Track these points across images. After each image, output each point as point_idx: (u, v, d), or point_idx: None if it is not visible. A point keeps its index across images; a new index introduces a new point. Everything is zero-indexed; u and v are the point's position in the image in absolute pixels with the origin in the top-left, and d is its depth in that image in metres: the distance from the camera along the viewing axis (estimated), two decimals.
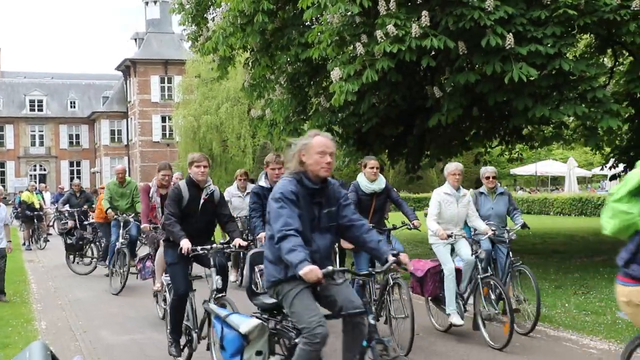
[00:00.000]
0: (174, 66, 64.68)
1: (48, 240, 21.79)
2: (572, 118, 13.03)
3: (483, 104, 13.02)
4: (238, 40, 14.85)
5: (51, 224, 25.20)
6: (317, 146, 4.84)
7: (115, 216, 12.82)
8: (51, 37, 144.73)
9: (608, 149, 17.99)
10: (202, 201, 7.10)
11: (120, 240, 12.56)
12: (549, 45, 11.40)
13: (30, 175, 68.68)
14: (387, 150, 16.97)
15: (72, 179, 67.57)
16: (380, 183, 8.52)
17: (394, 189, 9.41)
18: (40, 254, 20.13)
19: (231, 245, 6.98)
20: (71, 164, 73.61)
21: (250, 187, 11.32)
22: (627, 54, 16.33)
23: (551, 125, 14.30)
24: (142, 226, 9.75)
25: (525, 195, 42.42)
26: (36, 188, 23.99)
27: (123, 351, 8.08)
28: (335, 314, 4.93)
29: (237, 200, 12.22)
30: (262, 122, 17.33)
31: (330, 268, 4.63)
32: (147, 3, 69.08)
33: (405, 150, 16.79)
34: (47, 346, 3.26)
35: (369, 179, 8.44)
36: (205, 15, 18.12)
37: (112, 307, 11.09)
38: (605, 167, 19.61)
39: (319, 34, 12.64)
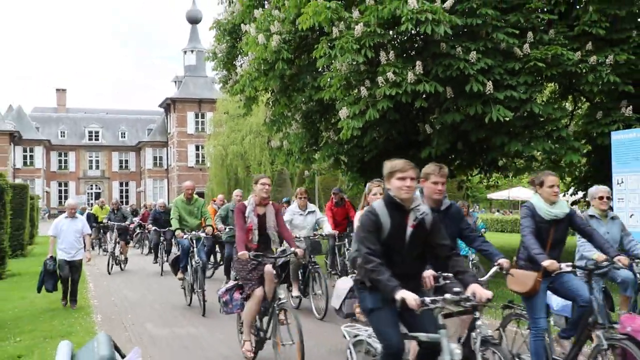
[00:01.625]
0: (206, 104, 65.01)
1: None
2: (540, 153, 13.03)
3: (466, 140, 13.04)
4: (261, 84, 14.91)
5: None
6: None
7: (185, 236, 10.49)
8: (107, 78, 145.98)
9: (569, 179, 18.02)
10: (410, 230, 4.29)
11: (196, 259, 10.32)
12: (521, 91, 11.46)
13: (88, 193, 69.58)
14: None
15: (121, 196, 68.28)
16: (563, 207, 5.48)
17: (580, 215, 6.64)
18: (97, 259, 20.14)
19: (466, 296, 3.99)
20: (121, 184, 74.09)
21: (310, 206, 10.41)
22: (584, 100, 16.40)
23: (523, 159, 14.30)
24: (239, 254, 6.35)
25: (500, 216, 42.38)
26: (105, 203, 22.70)
27: (164, 341, 8.10)
28: None
29: (299, 219, 10.16)
30: (280, 151, 17.37)
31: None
32: (185, 52, 69.73)
33: None
34: (110, 337, 3.29)
35: (549, 201, 5.43)
36: (234, 62, 18.25)
37: (155, 305, 11.14)
38: (567, 194, 19.61)
39: (329, 79, 12.75)
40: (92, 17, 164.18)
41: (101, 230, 21.02)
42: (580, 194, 18.50)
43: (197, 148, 66.04)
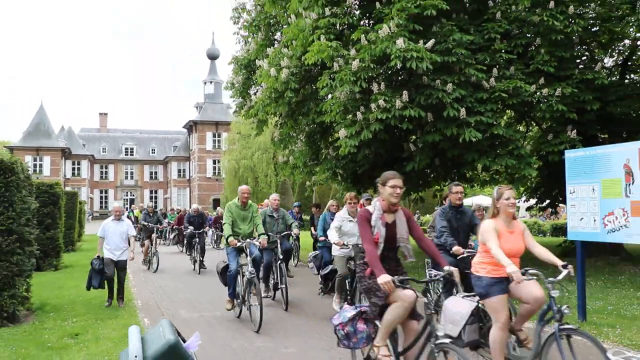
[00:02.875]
0: (222, 126, 64.86)
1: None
2: (502, 167, 12.95)
3: (443, 156, 12.93)
4: (272, 109, 14.83)
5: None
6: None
7: (238, 243, 7.91)
8: (140, 103, 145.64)
9: (522, 188, 17.99)
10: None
11: (250, 269, 7.63)
12: (488, 117, 11.38)
13: (124, 199, 69.00)
14: (373, 187, 16.83)
15: (151, 201, 68.04)
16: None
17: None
18: (134, 253, 19.85)
19: None
20: (151, 192, 73.53)
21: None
22: (534, 124, 16.40)
23: (489, 172, 14.22)
24: (382, 281, 4.02)
25: None
26: (146, 207, 21.97)
27: (195, 323, 7.87)
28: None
29: (349, 225, 7.91)
30: (286, 165, 17.21)
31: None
32: (205, 82, 69.68)
33: None
34: (171, 323, 3.14)
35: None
36: (248, 91, 18.16)
37: (186, 293, 10.86)
38: (520, 201, 19.63)
39: (330, 105, 12.64)
40: (134, 51, 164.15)
41: (142, 231, 20.38)
42: (532, 201, 18.56)
43: (214, 162, 65.74)
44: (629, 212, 9.62)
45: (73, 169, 67.76)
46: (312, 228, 14.04)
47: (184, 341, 2.95)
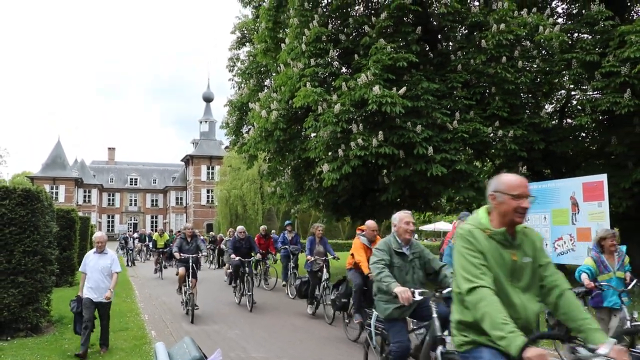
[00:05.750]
0: (215, 160, 64.10)
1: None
2: (464, 198, 12.80)
3: (413, 188, 12.73)
4: (263, 146, 14.57)
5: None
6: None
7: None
8: (143, 139, 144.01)
9: None
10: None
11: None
12: (452, 154, 11.27)
13: (128, 224, 67.29)
14: (350, 214, 16.57)
15: (152, 226, 66.55)
16: None
17: None
18: (139, 271, 19.04)
19: None
20: (152, 217, 71.84)
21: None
22: (489, 160, 16.44)
23: (453, 202, 14.05)
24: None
25: (429, 242, 42.21)
26: (163, 231, 19.08)
27: (196, 335, 7.31)
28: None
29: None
30: (274, 195, 16.84)
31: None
32: (201, 122, 69.25)
33: (362, 215, 16.30)
34: (193, 340, 2.84)
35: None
36: (241, 129, 17.93)
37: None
38: None
39: (314, 143, 12.43)
40: (137, 89, 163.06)
41: (160, 256, 17.52)
42: None
43: (208, 191, 64.75)
44: (575, 237, 9.56)
45: (84, 196, 66.24)
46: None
47: (206, 357, 2.64)
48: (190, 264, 8.95)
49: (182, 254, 9.06)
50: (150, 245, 21.45)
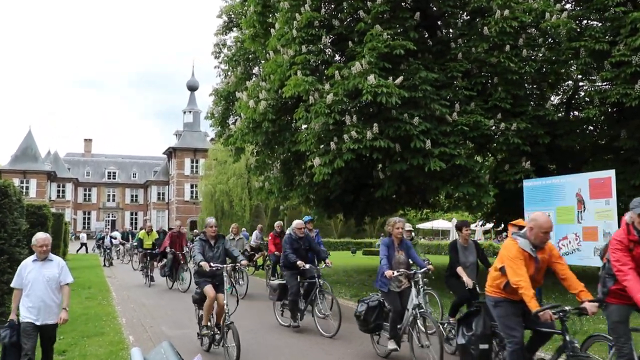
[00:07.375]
0: (200, 152, 63.81)
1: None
2: (464, 194, 12.82)
3: (409, 184, 12.73)
4: (250, 138, 14.47)
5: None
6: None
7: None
8: (122, 130, 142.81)
9: (479, 213, 17.95)
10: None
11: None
12: (451, 148, 11.25)
13: (106, 221, 66.79)
14: (343, 211, 16.58)
15: (131, 223, 66.18)
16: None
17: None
18: (117, 272, 18.86)
19: None
20: (131, 214, 71.47)
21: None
22: (490, 155, 16.49)
23: (452, 199, 14.10)
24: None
25: (427, 241, 42.33)
26: (152, 228, 16.60)
27: (178, 340, 7.23)
28: None
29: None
30: (262, 191, 16.71)
31: None
32: (184, 112, 68.81)
33: (354, 211, 16.38)
34: (172, 344, 2.79)
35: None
36: (227, 120, 17.80)
37: (168, 310, 10.19)
38: (477, 225, 19.62)
39: (305, 135, 12.37)
40: (119, 80, 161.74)
41: (148, 257, 15.19)
42: (489, 225, 18.51)
43: (192, 186, 64.45)
44: (580, 237, 9.60)
45: (58, 191, 65.60)
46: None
47: None
48: (225, 276, 6.37)
49: (211, 264, 6.36)
50: (135, 244, 19.06)
